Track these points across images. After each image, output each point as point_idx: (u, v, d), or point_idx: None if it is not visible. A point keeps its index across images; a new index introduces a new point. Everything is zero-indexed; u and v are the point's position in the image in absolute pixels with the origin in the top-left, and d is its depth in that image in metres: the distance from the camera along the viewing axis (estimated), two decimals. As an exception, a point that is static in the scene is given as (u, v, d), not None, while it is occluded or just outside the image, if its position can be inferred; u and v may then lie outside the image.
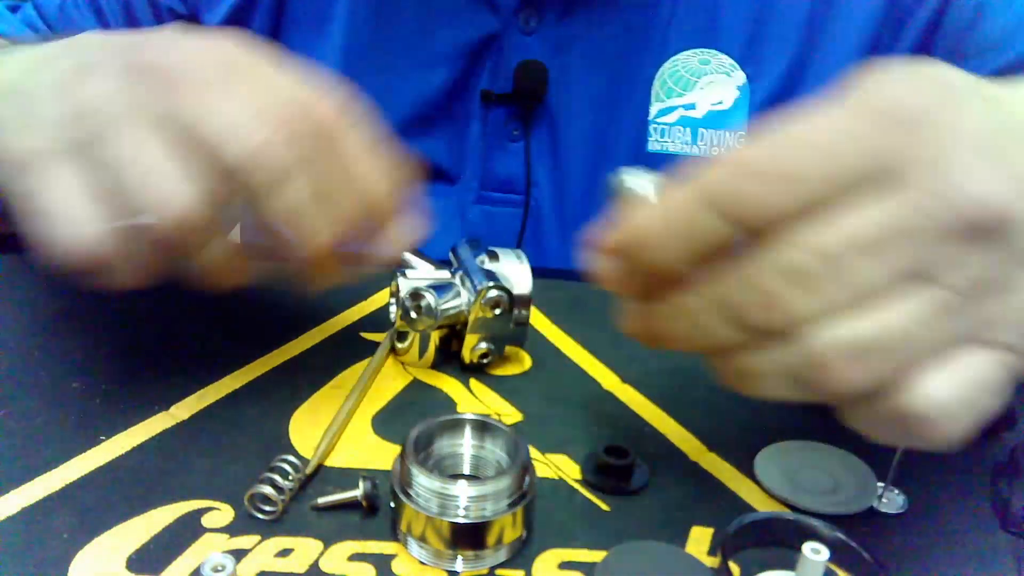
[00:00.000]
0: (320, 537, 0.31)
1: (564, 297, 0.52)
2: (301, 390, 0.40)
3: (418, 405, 0.40)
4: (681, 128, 0.64)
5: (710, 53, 0.63)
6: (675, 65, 0.63)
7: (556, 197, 0.67)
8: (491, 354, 0.42)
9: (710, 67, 0.63)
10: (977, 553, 0.33)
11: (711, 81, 0.63)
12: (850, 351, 0.26)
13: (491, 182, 0.67)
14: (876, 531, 0.34)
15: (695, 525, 0.33)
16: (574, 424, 0.39)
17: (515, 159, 0.66)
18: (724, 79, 0.63)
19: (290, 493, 0.33)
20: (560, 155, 0.66)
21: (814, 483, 0.36)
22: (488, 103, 0.65)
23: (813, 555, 0.28)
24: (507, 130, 0.66)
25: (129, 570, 0.29)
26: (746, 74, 0.63)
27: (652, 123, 0.64)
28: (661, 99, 0.64)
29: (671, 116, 0.64)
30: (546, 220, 0.68)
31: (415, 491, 0.30)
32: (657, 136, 0.65)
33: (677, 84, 0.64)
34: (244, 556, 0.30)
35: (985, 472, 0.38)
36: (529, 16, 0.62)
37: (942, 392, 0.27)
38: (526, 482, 0.31)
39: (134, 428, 0.37)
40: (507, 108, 0.65)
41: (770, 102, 0.63)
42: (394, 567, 0.30)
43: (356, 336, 0.46)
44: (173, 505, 0.32)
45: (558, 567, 0.31)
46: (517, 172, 0.66)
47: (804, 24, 0.62)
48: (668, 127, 0.64)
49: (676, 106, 0.64)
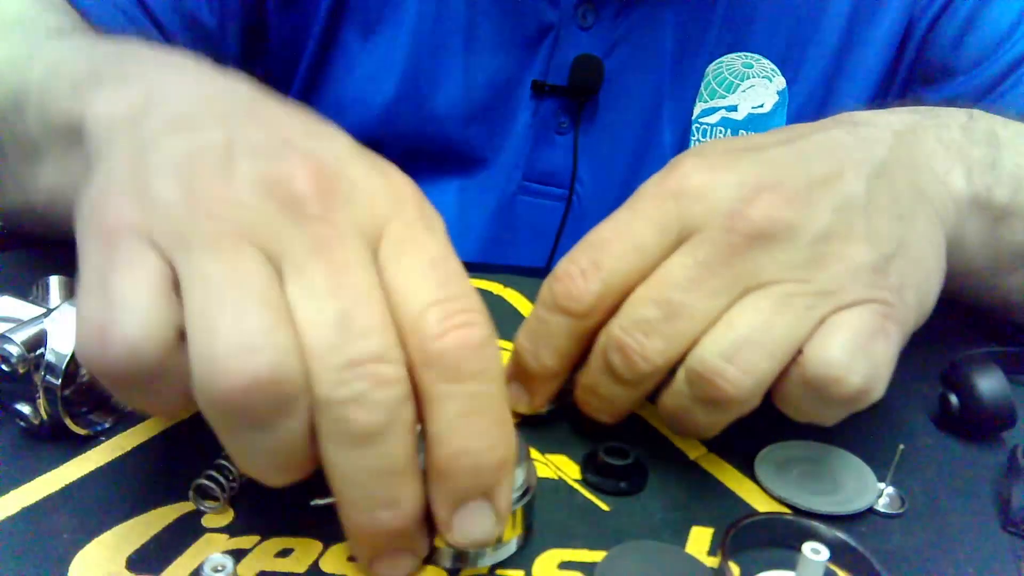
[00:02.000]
0: (320, 537, 0.31)
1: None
2: (301, 390, 0.40)
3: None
4: (722, 129, 0.65)
5: (753, 57, 0.64)
6: (719, 67, 0.64)
7: (597, 193, 0.67)
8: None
9: (752, 71, 0.64)
10: (977, 553, 0.33)
11: (752, 84, 0.64)
12: (724, 357, 0.31)
13: (534, 173, 0.67)
14: (876, 531, 0.34)
15: (695, 525, 0.33)
16: (574, 424, 0.39)
17: (561, 152, 0.66)
18: (765, 83, 0.64)
19: (232, 490, 0.32)
20: (605, 151, 0.66)
21: (814, 483, 0.36)
22: (540, 94, 0.65)
23: (813, 555, 0.28)
24: (555, 122, 0.66)
25: (129, 570, 0.29)
26: (785, 79, 0.64)
27: (695, 123, 0.65)
28: (704, 100, 0.65)
29: (713, 117, 0.65)
30: (587, 214, 0.68)
31: None
32: (699, 136, 0.65)
33: (720, 86, 0.64)
34: (244, 556, 0.30)
35: (985, 472, 0.38)
36: (587, 11, 0.63)
37: (831, 351, 0.31)
38: (525, 480, 0.31)
39: (134, 428, 0.37)
40: (558, 100, 0.65)
41: (806, 107, 0.64)
42: (394, 567, 0.30)
43: (356, 336, 0.46)
44: (173, 505, 0.32)
45: (558, 567, 0.31)
46: (561, 165, 0.66)
47: (841, 31, 0.62)
48: (710, 127, 0.65)
49: (719, 107, 0.65)
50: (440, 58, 0.65)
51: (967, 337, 0.48)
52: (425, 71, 0.64)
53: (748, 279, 0.32)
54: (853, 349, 0.31)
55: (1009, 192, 0.41)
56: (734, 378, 0.31)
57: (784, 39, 0.63)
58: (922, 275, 0.35)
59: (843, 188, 0.34)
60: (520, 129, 0.67)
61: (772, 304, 0.32)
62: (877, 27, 0.62)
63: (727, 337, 0.32)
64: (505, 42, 0.64)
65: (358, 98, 0.66)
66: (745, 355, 0.31)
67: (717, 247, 0.32)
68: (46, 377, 0.33)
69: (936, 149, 0.40)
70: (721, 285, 0.32)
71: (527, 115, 0.66)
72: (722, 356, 0.31)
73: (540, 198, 0.67)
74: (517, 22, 0.64)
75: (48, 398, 0.33)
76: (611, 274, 0.33)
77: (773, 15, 0.63)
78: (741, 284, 0.32)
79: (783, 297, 0.32)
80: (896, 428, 0.41)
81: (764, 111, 0.64)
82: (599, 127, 0.66)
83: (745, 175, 0.34)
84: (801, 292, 0.32)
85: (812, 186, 0.33)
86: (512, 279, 0.53)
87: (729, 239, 0.32)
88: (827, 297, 0.32)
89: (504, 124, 0.67)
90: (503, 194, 0.68)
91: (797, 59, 0.63)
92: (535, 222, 0.68)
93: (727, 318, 0.32)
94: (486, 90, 0.65)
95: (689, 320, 0.32)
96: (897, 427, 0.41)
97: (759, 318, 0.32)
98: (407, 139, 0.66)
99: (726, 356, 0.31)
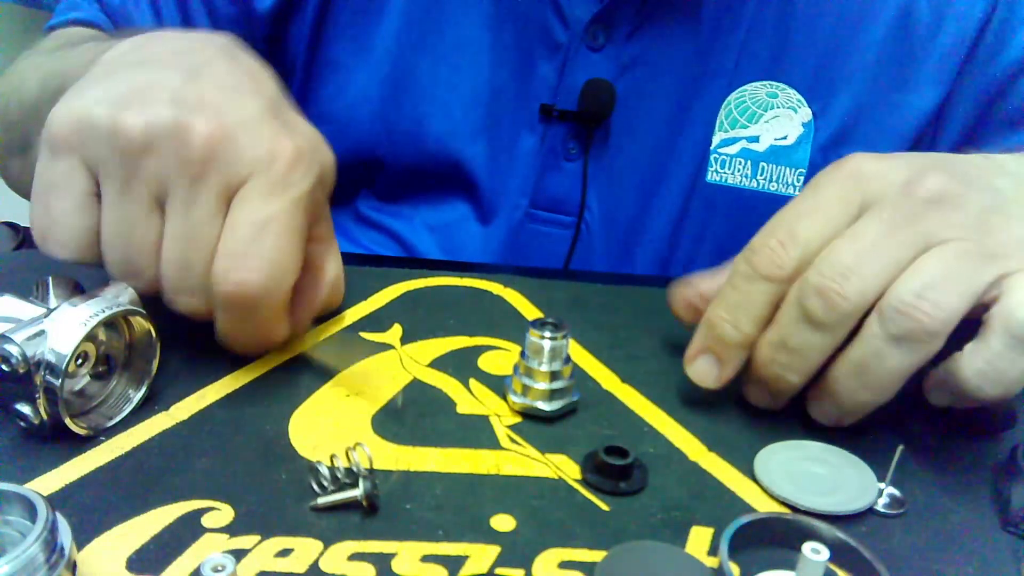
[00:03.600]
0: (320, 537, 0.31)
1: (564, 297, 0.52)
2: (301, 390, 0.40)
3: (418, 405, 0.40)
4: (742, 160, 0.62)
5: (778, 87, 0.61)
6: (742, 96, 0.61)
7: (607, 221, 0.65)
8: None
9: (777, 100, 0.61)
10: (977, 553, 0.33)
11: (776, 115, 0.61)
12: (917, 294, 0.35)
13: (541, 201, 0.65)
14: (876, 531, 0.34)
15: (695, 525, 0.34)
16: (574, 424, 0.39)
17: (569, 179, 0.64)
18: (790, 114, 0.61)
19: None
20: (615, 178, 0.64)
21: (814, 483, 0.36)
22: (548, 119, 0.62)
23: (813, 555, 0.28)
24: (564, 148, 0.63)
25: (129, 570, 0.29)
26: (812, 111, 0.61)
27: (713, 153, 0.62)
28: (725, 129, 0.62)
29: (733, 147, 0.62)
30: (596, 244, 0.65)
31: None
32: (717, 167, 0.62)
33: (743, 115, 0.61)
34: (244, 556, 0.30)
35: (985, 472, 0.38)
36: (598, 31, 0.60)
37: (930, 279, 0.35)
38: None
39: (134, 428, 0.37)
40: (567, 125, 0.62)
41: (833, 141, 0.61)
42: (394, 567, 0.30)
43: (356, 336, 0.46)
44: (173, 505, 0.32)
45: (558, 567, 0.31)
46: (569, 193, 0.64)
47: (872, 64, 0.59)
48: (729, 158, 0.62)
49: (739, 137, 0.62)
50: (437, 73, 0.62)
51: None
52: (416, 86, 0.62)
53: (928, 235, 0.36)
54: (953, 277, 0.35)
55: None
56: (930, 310, 0.34)
57: (813, 68, 0.60)
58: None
59: (994, 182, 0.38)
60: (527, 154, 0.64)
61: (954, 255, 0.35)
62: (924, 61, 0.58)
63: (918, 279, 0.35)
64: (510, 60, 0.62)
65: (351, 115, 0.64)
66: (936, 293, 0.34)
67: (899, 209, 0.36)
68: (46, 377, 0.33)
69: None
70: (905, 239, 0.36)
71: (534, 140, 0.63)
72: (915, 294, 0.34)
73: (548, 226, 0.65)
74: (523, 36, 0.61)
75: (48, 398, 0.33)
76: (808, 242, 0.37)
77: (803, 42, 0.59)
78: (922, 239, 0.36)
79: (963, 251, 0.35)
80: (896, 428, 0.41)
81: (787, 143, 0.61)
82: (610, 154, 0.63)
83: (912, 161, 0.38)
84: (976, 250, 0.35)
85: (970, 172, 0.38)
86: (512, 279, 0.53)
87: (909, 203, 0.36)
88: (998, 259, 0.35)
89: (508, 146, 0.64)
90: (510, 220, 0.65)
91: (826, 90, 0.60)
92: (543, 250, 0.65)
93: (915, 266, 0.35)
94: (488, 109, 0.63)
95: (881, 265, 0.35)
96: (897, 427, 0.41)
97: (944, 265, 0.35)
98: (408, 157, 0.64)
99: (919, 293, 0.34)
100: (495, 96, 0.63)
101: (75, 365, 0.36)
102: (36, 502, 0.26)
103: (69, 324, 0.34)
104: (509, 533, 0.33)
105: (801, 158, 0.61)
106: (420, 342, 0.45)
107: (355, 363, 0.43)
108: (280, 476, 0.34)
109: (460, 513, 0.33)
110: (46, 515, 0.26)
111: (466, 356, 0.45)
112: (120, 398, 0.37)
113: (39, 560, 0.25)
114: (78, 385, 0.37)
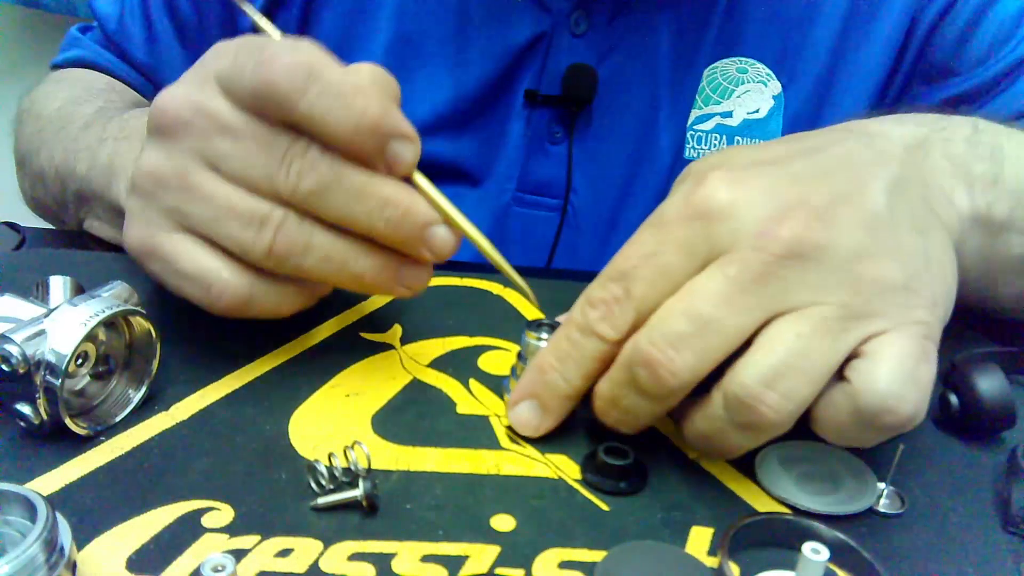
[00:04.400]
0: (320, 537, 0.31)
1: (564, 298, 0.51)
2: (301, 390, 0.40)
3: (418, 405, 0.40)
4: (717, 136, 0.64)
5: (748, 62, 0.63)
6: (713, 72, 0.63)
7: (592, 202, 0.66)
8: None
9: (747, 76, 0.63)
10: (977, 553, 0.33)
11: (747, 90, 0.63)
12: (764, 382, 0.31)
13: (528, 184, 0.66)
14: (876, 531, 0.34)
15: (695, 525, 0.34)
16: (574, 424, 0.39)
17: (554, 162, 0.65)
18: (760, 88, 0.63)
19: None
20: (600, 160, 0.65)
21: (814, 483, 0.36)
22: (533, 104, 0.64)
23: (813, 555, 0.28)
24: (549, 132, 0.65)
25: (129, 570, 0.29)
26: (781, 84, 0.63)
27: (689, 130, 0.64)
28: (699, 106, 0.64)
29: (708, 124, 0.64)
30: (582, 225, 0.67)
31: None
32: (694, 143, 0.64)
33: (715, 92, 0.63)
34: (244, 556, 0.30)
35: (985, 472, 0.38)
36: (580, 18, 0.62)
37: (881, 382, 0.31)
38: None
39: (134, 428, 0.37)
40: (551, 110, 0.64)
41: (803, 111, 0.63)
42: (394, 567, 0.30)
43: (356, 336, 0.46)
44: (173, 505, 0.32)
45: (558, 567, 0.31)
46: (555, 176, 0.65)
47: (837, 32, 0.62)
48: (705, 134, 0.64)
49: (713, 113, 0.64)
50: (425, 66, 0.63)
51: (967, 337, 0.48)
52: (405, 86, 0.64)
53: (779, 299, 0.32)
54: (903, 378, 0.31)
55: (1008, 207, 0.41)
56: (775, 404, 0.31)
57: (777, 43, 0.62)
58: (946, 288, 0.34)
59: (866, 205, 0.33)
60: (513, 139, 0.66)
61: (810, 328, 0.31)
62: (876, 28, 0.62)
63: (766, 361, 0.31)
64: (496, 51, 0.63)
65: None
66: (786, 381, 0.31)
67: (748, 265, 0.32)
68: (46, 377, 0.33)
69: (943, 166, 0.40)
70: (753, 303, 0.32)
71: (520, 125, 0.65)
72: (762, 381, 0.31)
73: (534, 209, 0.67)
74: (508, 29, 0.63)
75: (48, 398, 0.33)
76: (642, 302, 0.34)
77: (765, 18, 0.62)
78: (772, 304, 0.32)
79: (820, 320, 0.31)
80: (896, 428, 0.41)
81: (760, 116, 0.63)
82: (594, 136, 0.65)
83: (771, 192, 0.33)
84: (837, 315, 0.31)
85: (837, 203, 0.33)
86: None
87: (760, 258, 0.32)
88: (863, 320, 0.32)
89: (496, 134, 0.65)
90: (497, 205, 0.67)
91: (792, 63, 0.62)
92: (530, 233, 0.67)
93: (764, 341, 0.32)
94: (476, 99, 0.64)
95: (720, 335, 0.32)
96: (897, 427, 0.41)
97: (798, 343, 0.31)
98: None
99: (766, 381, 0.31)
100: (481, 87, 0.64)
101: (75, 365, 0.36)
102: (36, 502, 0.26)
103: (69, 324, 0.34)
104: (509, 533, 0.33)
105: (774, 130, 0.63)
106: (420, 342, 0.45)
107: (355, 363, 0.43)
108: (280, 476, 0.34)
109: (460, 513, 0.33)
110: (46, 515, 0.26)
111: (466, 356, 0.45)
112: (120, 398, 0.37)
113: (39, 560, 0.25)
114: (78, 385, 0.37)
